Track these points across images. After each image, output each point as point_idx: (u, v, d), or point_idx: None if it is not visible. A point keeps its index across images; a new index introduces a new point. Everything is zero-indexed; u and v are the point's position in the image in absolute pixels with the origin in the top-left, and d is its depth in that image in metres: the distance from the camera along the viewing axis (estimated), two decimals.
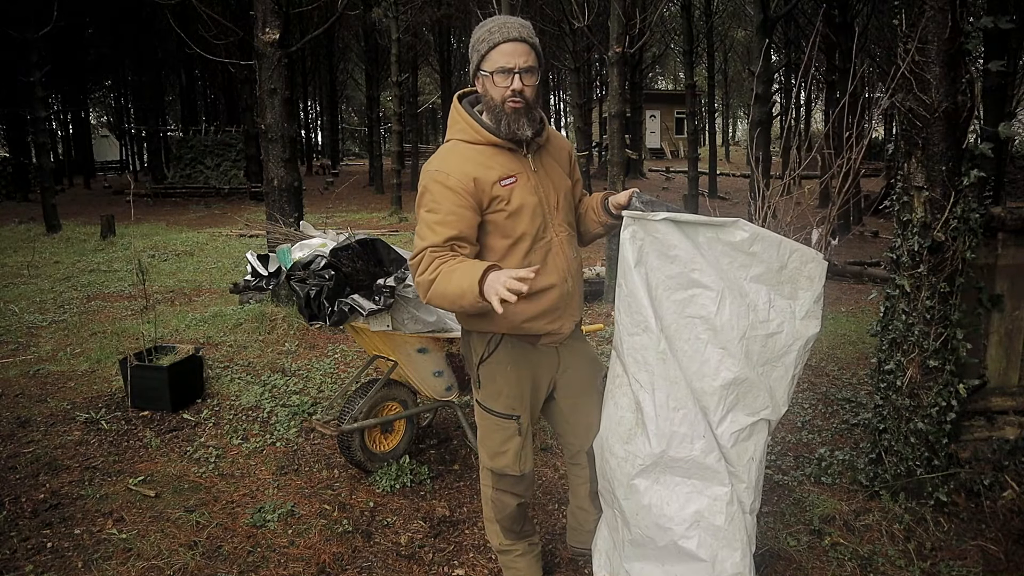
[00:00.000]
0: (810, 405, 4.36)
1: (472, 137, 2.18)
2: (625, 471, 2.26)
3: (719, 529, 2.18)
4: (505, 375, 2.29)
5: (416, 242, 2.16)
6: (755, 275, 2.24)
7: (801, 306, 2.30)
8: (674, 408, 2.18)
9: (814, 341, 2.35)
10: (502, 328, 2.23)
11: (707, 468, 2.18)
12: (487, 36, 2.11)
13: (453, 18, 21.23)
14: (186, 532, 2.98)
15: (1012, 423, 3.14)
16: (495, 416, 2.32)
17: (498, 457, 2.35)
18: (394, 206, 15.50)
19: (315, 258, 3.10)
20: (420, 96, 30.32)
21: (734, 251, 2.22)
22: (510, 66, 2.08)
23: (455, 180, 2.09)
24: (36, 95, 12.65)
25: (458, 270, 2.02)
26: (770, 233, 2.25)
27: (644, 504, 2.23)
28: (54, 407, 4.36)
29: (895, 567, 2.67)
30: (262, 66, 6.21)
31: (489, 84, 2.12)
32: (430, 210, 2.12)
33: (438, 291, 2.05)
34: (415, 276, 2.13)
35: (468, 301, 1.98)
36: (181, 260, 9.91)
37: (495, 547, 2.54)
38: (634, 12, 7.54)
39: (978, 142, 2.85)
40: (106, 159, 35.94)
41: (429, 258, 2.08)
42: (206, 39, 8.70)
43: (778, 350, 2.26)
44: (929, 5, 2.74)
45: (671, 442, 2.18)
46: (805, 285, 2.30)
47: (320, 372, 4.89)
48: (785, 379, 2.29)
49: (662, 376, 2.18)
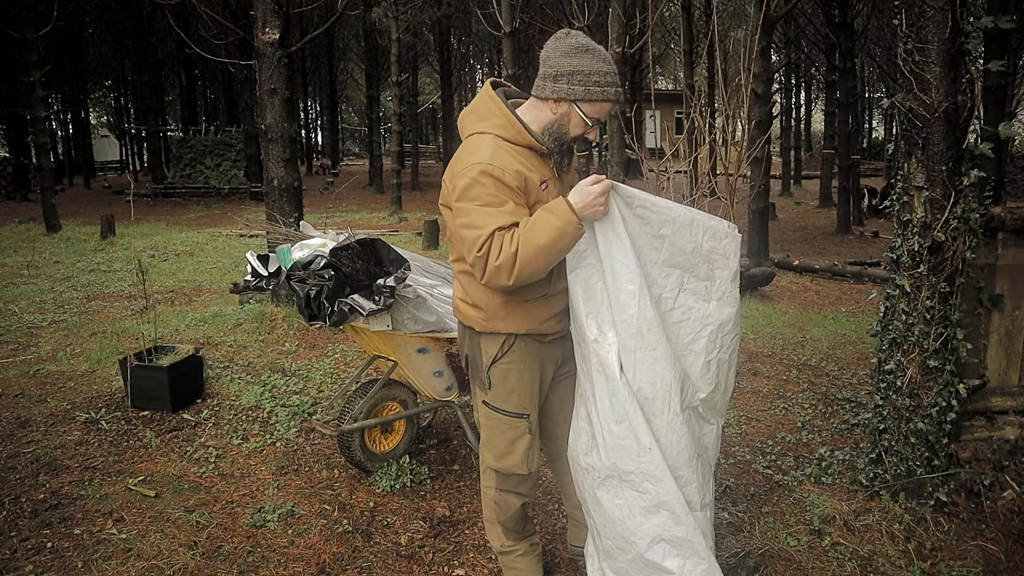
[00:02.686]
0: (810, 405, 4.36)
1: (513, 136, 2.13)
2: (589, 483, 2.24)
3: (681, 540, 2.14)
4: (519, 374, 2.29)
5: (468, 234, 2.02)
6: (666, 258, 2.16)
7: (718, 287, 2.23)
8: (616, 420, 2.12)
9: (734, 325, 2.26)
10: (522, 328, 2.22)
11: (658, 480, 2.11)
12: (605, 82, 2.10)
13: (453, 18, 21.22)
14: (186, 532, 2.98)
15: (1012, 423, 3.15)
16: (506, 416, 2.31)
17: (506, 457, 2.34)
18: (394, 206, 15.50)
19: (315, 258, 3.10)
20: (420, 96, 30.33)
21: (646, 235, 2.12)
22: (604, 119, 2.18)
23: (511, 177, 2.04)
24: (36, 95, 12.64)
25: (536, 221, 1.98)
26: (681, 211, 2.15)
27: (609, 517, 2.21)
28: (54, 407, 4.36)
29: (895, 567, 2.67)
30: (262, 66, 6.21)
31: (575, 120, 2.13)
32: (486, 203, 2.02)
33: (529, 252, 1.96)
34: (489, 263, 1.99)
35: (569, 235, 1.97)
36: (181, 260, 9.91)
37: (496, 548, 2.54)
38: (634, 12, 7.54)
39: (978, 142, 2.85)
40: (106, 159, 35.93)
41: (499, 237, 1.98)
42: (206, 39, 8.72)
43: (684, 337, 2.20)
44: (929, 5, 2.74)
45: (619, 455, 2.13)
46: (721, 264, 2.21)
47: (320, 372, 4.89)
48: (697, 366, 2.21)
49: (602, 387, 2.14)
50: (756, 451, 3.70)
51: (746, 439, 3.86)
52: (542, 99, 2.14)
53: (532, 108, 2.18)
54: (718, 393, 2.29)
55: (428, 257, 4.12)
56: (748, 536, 2.88)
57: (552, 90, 2.10)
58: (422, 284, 3.46)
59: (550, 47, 2.12)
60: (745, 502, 3.16)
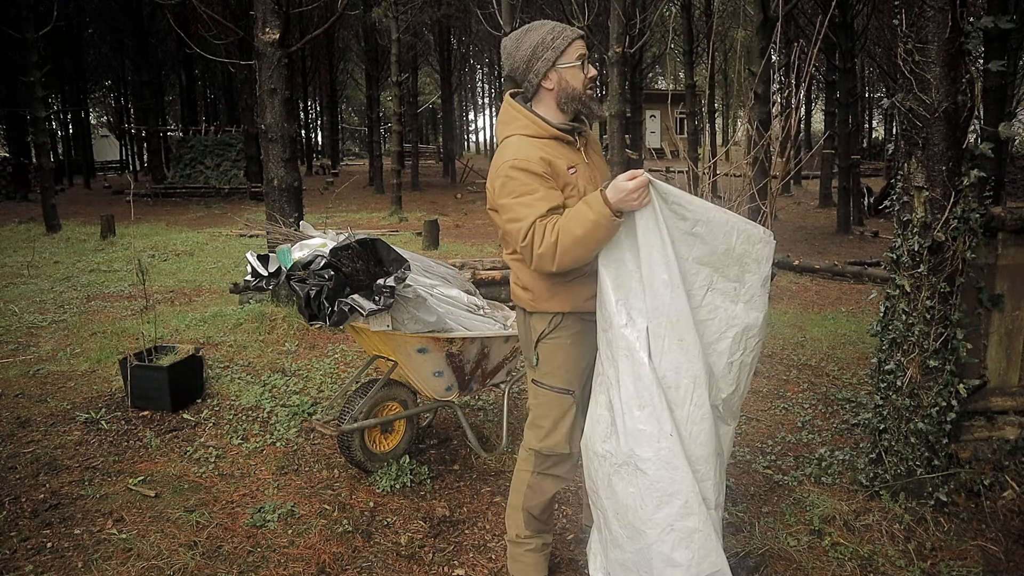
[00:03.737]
0: (810, 405, 4.36)
1: (535, 131, 2.29)
2: (604, 470, 2.25)
3: (692, 531, 2.14)
4: (565, 350, 2.37)
5: (512, 227, 2.19)
6: (697, 256, 2.19)
7: (747, 290, 2.25)
8: (640, 406, 2.14)
9: (759, 329, 2.28)
10: (567, 307, 2.33)
11: (675, 468, 2.13)
12: (559, 33, 2.27)
13: (453, 18, 21.23)
14: (186, 532, 2.98)
15: (1012, 423, 3.15)
16: (553, 391, 2.38)
17: (550, 436, 2.40)
18: (394, 206, 15.49)
19: (315, 258, 3.10)
20: (420, 96, 30.34)
21: (680, 231, 2.16)
22: (584, 53, 2.29)
23: (536, 165, 2.19)
24: (36, 95, 12.64)
25: (573, 213, 2.12)
26: (716, 212, 2.18)
27: (623, 504, 2.22)
28: (54, 407, 4.36)
29: (895, 567, 2.67)
30: (262, 66, 6.21)
31: (570, 75, 2.27)
32: (521, 193, 2.18)
33: (567, 242, 2.10)
34: (533, 252, 2.15)
35: (604, 227, 2.07)
36: (181, 260, 9.91)
37: (511, 536, 2.55)
38: (634, 12, 7.54)
39: (978, 142, 2.85)
40: (106, 159, 35.95)
41: (540, 227, 2.13)
42: (206, 39, 8.72)
43: (710, 336, 2.22)
44: (929, 5, 2.74)
45: (638, 440, 2.15)
46: (752, 268, 2.25)
47: (320, 372, 4.89)
48: (719, 365, 2.24)
49: (627, 372, 2.16)
50: (756, 451, 3.70)
51: (746, 439, 3.86)
52: (536, 90, 2.32)
53: (538, 104, 2.35)
54: (736, 395, 2.31)
55: (428, 257, 4.12)
56: (748, 536, 2.88)
57: (535, 75, 2.29)
58: (422, 284, 3.46)
59: (505, 57, 2.34)
60: (745, 502, 3.16)
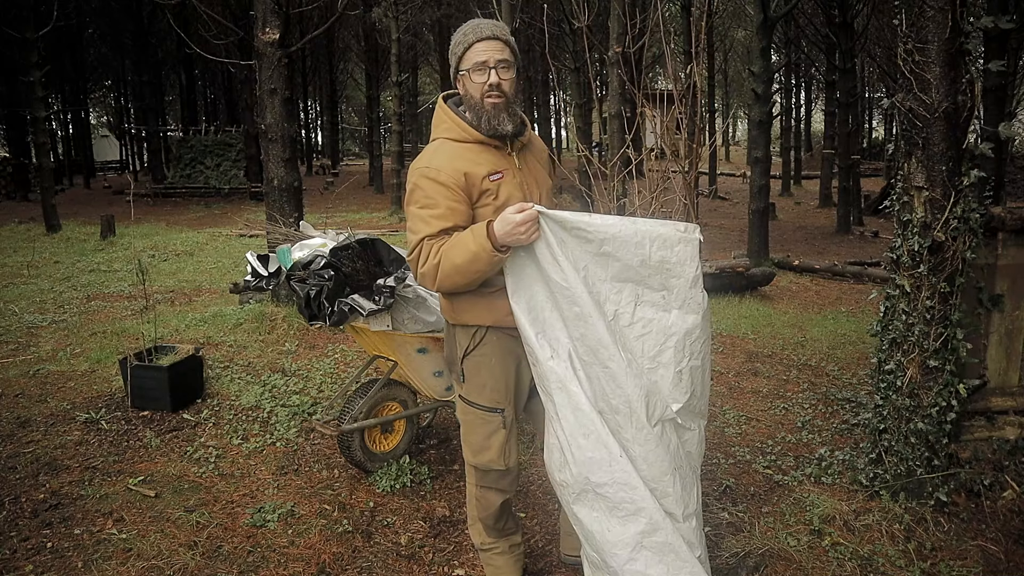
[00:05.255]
0: (810, 405, 4.36)
1: (459, 135, 2.22)
2: (566, 499, 2.22)
3: (663, 545, 2.10)
4: (490, 368, 2.30)
5: (409, 238, 2.19)
6: (614, 274, 2.11)
7: (676, 296, 2.16)
8: (584, 435, 2.09)
9: (701, 330, 2.20)
10: (487, 320, 2.25)
11: (632, 487, 2.09)
12: (462, 38, 2.20)
13: (453, 18, 21.19)
14: (186, 532, 2.98)
15: (1012, 423, 3.15)
16: (479, 410, 2.33)
17: (482, 452, 2.35)
18: (394, 206, 15.49)
19: (315, 258, 3.11)
20: (420, 96, 30.30)
21: (589, 255, 2.08)
22: (484, 59, 2.16)
23: (446, 175, 2.13)
24: (36, 95, 12.64)
25: (458, 240, 2.08)
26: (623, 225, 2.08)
27: (589, 531, 2.18)
28: (54, 407, 4.36)
29: (895, 567, 2.67)
30: (262, 66, 6.21)
31: (468, 82, 2.19)
32: (423, 206, 2.14)
33: (447, 268, 2.07)
34: (418, 269, 2.14)
35: (484, 260, 2.02)
36: (181, 260, 9.91)
37: (477, 545, 2.57)
38: (634, 12, 7.54)
39: (978, 142, 2.85)
40: (106, 159, 35.92)
41: (427, 246, 2.12)
42: (206, 39, 8.72)
43: (649, 351, 2.15)
44: (929, 5, 2.74)
45: (590, 468, 2.11)
46: (676, 272, 2.15)
47: (320, 372, 4.89)
48: (668, 377, 2.15)
49: (564, 404, 2.11)
50: (756, 451, 3.70)
51: (746, 439, 3.86)
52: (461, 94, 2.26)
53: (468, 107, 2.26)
54: (695, 399, 2.24)
55: None
56: (748, 536, 2.88)
57: (453, 78, 2.26)
58: None
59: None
60: (745, 502, 3.16)
